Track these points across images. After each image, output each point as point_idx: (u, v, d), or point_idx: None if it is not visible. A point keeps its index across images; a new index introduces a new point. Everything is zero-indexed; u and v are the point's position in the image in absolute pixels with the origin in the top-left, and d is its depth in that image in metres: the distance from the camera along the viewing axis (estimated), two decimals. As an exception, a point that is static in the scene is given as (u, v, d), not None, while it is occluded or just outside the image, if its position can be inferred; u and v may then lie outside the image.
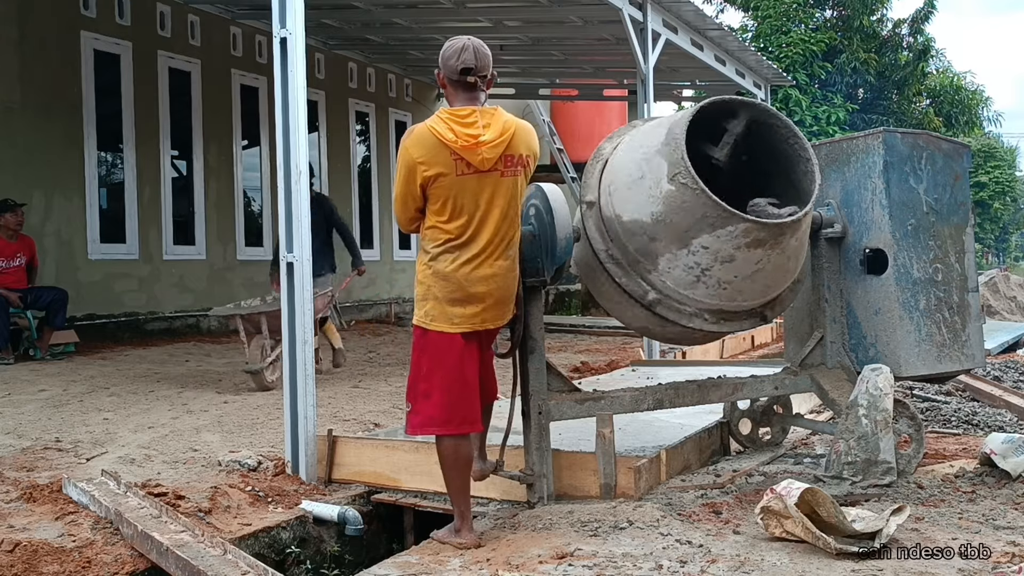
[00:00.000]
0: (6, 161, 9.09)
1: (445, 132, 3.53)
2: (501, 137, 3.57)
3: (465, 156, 3.53)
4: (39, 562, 3.39)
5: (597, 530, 3.64)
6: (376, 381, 7.77)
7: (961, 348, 4.73)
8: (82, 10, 10.02)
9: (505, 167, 3.59)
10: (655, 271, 4.12)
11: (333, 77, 13.67)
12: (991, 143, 34.23)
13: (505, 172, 3.60)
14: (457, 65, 3.58)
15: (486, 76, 3.63)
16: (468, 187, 3.56)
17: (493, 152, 3.55)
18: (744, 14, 25.79)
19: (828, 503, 3.39)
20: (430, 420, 3.66)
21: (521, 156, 3.63)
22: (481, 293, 3.61)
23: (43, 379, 7.39)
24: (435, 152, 3.54)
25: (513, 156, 3.60)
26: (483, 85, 3.63)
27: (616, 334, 11.92)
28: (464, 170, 3.54)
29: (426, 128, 3.57)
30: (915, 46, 25.39)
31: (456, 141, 3.52)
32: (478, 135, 3.53)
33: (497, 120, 3.60)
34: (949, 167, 4.80)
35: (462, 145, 3.52)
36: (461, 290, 3.60)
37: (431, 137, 3.54)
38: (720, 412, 5.25)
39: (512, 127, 3.61)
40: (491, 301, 3.64)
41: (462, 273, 3.59)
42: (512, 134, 3.60)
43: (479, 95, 3.64)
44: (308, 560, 4.10)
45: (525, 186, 3.74)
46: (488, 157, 3.55)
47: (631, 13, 8.85)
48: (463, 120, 3.56)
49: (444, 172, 3.54)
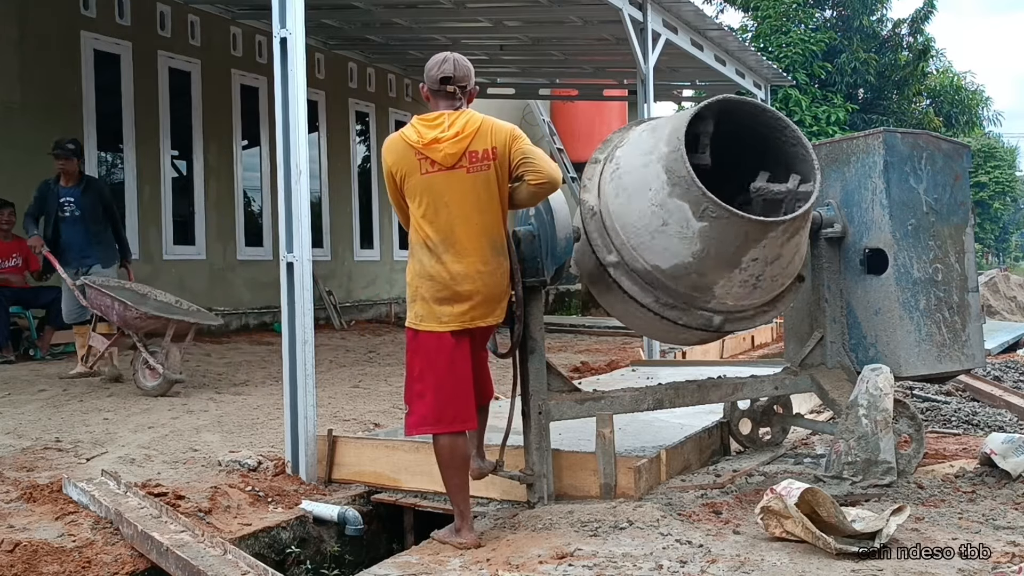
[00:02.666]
0: (6, 161, 9.08)
1: (411, 134, 3.68)
2: (462, 133, 3.63)
3: (428, 154, 3.63)
4: (39, 562, 3.39)
5: (597, 530, 3.64)
6: (376, 381, 7.77)
7: (961, 348, 4.73)
8: (82, 10, 10.01)
9: (470, 163, 3.64)
10: (714, 299, 4.22)
11: (333, 77, 13.67)
12: (991, 143, 34.24)
13: (471, 168, 3.63)
14: (437, 75, 3.72)
15: (465, 87, 3.74)
16: (436, 186, 3.64)
17: (454, 148, 3.62)
18: (744, 14, 25.77)
19: (828, 503, 3.39)
20: (423, 420, 3.70)
21: (486, 151, 3.65)
22: (468, 291, 3.64)
23: (43, 379, 7.39)
24: (402, 154, 3.69)
25: (477, 152, 3.63)
26: (462, 95, 3.74)
27: (616, 334, 11.92)
28: (429, 168, 3.64)
29: (397, 134, 3.75)
30: (915, 46, 25.36)
31: (419, 141, 3.65)
32: (440, 134, 3.63)
33: (462, 119, 3.67)
34: (949, 167, 4.80)
35: (424, 144, 3.64)
36: (447, 288, 3.63)
37: (400, 141, 3.71)
38: (720, 412, 5.25)
39: (476, 123, 3.66)
40: (479, 298, 3.66)
41: (446, 271, 3.63)
42: (475, 130, 3.64)
43: (457, 105, 3.73)
44: (308, 560, 4.10)
45: (504, 179, 3.71)
46: (450, 153, 3.62)
47: (631, 13, 8.85)
48: (431, 123, 3.68)
49: (411, 172, 3.67)
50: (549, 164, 3.70)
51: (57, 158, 7.53)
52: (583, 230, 4.33)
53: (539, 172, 3.66)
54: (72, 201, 7.55)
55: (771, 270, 4.18)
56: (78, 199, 7.57)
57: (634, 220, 4.16)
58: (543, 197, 3.80)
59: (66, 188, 7.57)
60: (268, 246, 12.36)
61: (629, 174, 4.23)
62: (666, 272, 4.15)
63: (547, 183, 3.68)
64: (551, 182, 3.68)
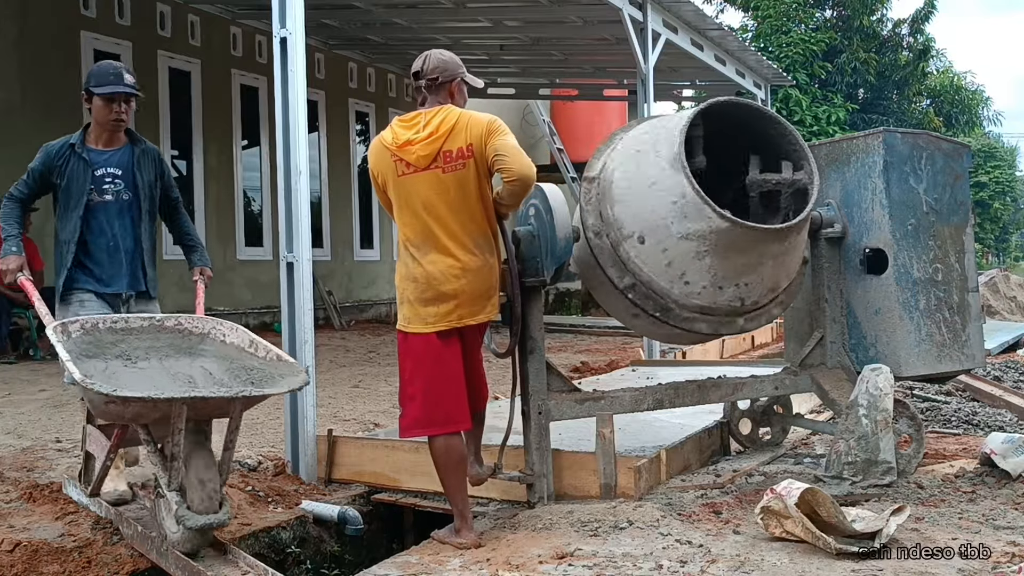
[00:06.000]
0: (6, 161, 9.06)
1: (388, 136, 3.68)
2: (436, 133, 3.60)
3: (402, 156, 3.63)
4: (39, 562, 3.39)
5: (597, 530, 3.64)
6: (376, 381, 7.77)
7: (961, 348, 4.73)
8: (82, 10, 10.02)
9: (445, 163, 3.60)
10: (743, 306, 4.29)
11: (333, 77, 13.67)
12: (991, 143, 34.21)
13: (446, 168, 3.60)
14: (412, 71, 3.74)
15: (436, 79, 3.67)
16: (412, 187, 3.63)
17: (427, 149, 3.59)
18: (744, 14, 25.77)
19: (828, 503, 3.39)
20: (415, 422, 3.70)
21: (461, 149, 3.59)
22: (451, 290, 3.62)
23: (43, 379, 7.39)
24: (381, 157, 3.70)
25: (451, 151, 3.59)
26: (434, 89, 3.68)
27: (616, 334, 11.91)
28: (404, 170, 3.63)
29: (378, 136, 3.74)
30: (915, 46, 25.38)
31: (394, 143, 3.64)
32: (413, 136, 3.61)
33: (437, 118, 3.63)
34: (949, 167, 4.80)
35: (398, 146, 3.63)
36: (431, 289, 3.62)
37: (379, 144, 3.71)
38: (720, 412, 5.25)
39: (452, 121, 3.60)
40: (464, 297, 3.64)
41: (427, 272, 3.61)
42: (450, 128, 3.59)
43: (440, 101, 3.69)
44: (308, 560, 4.10)
45: (484, 175, 3.65)
46: (423, 155, 3.60)
47: (631, 13, 8.84)
48: (408, 123, 3.67)
49: (389, 174, 3.67)
50: (521, 161, 3.55)
51: (110, 100, 4.07)
52: (581, 221, 4.34)
53: (509, 169, 3.54)
54: (118, 175, 4.18)
55: (782, 267, 4.26)
56: (128, 170, 4.19)
57: (654, 254, 4.21)
58: (520, 196, 3.66)
59: (106, 153, 4.17)
60: (268, 246, 12.36)
61: (644, 206, 4.31)
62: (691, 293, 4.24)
63: (517, 180, 3.55)
64: (520, 179, 3.55)
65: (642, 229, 4.16)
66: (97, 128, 4.17)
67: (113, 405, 3.14)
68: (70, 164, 4.12)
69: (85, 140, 4.19)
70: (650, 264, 4.17)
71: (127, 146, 4.22)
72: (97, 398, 3.12)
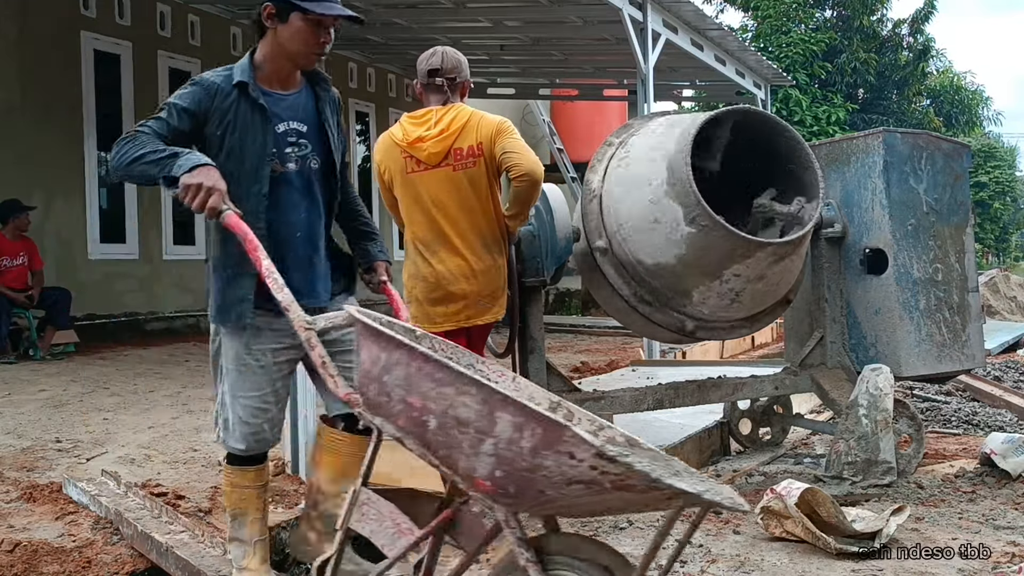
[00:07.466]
0: (6, 161, 9.08)
1: (397, 132, 3.66)
2: (447, 130, 3.59)
3: (413, 153, 3.61)
4: (39, 562, 3.39)
5: (597, 530, 3.64)
6: (376, 381, 7.75)
7: (961, 348, 4.73)
8: (82, 10, 10.01)
9: (456, 161, 3.59)
10: (690, 304, 4.21)
11: (333, 77, 13.65)
12: (991, 143, 34.21)
13: (457, 166, 3.60)
14: (426, 68, 3.70)
15: (454, 79, 3.69)
16: (422, 184, 3.61)
17: (438, 146, 3.58)
18: (744, 14, 25.78)
19: (828, 503, 3.39)
20: None
21: (471, 147, 3.59)
22: (461, 290, 3.62)
23: (43, 379, 7.39)
24: (390, 153, 3.67)
25: (462, 149, 3.59)
26: (451, 88, 3.68)
27: (616, 334, 11.91)
28: (414, 168, 3.62)
29: (387, 132, 3.72)
30: (915, 46, 25.38)
31: (404, 139, 3.62)
32: (424, 132, 3.60)
33: (448, 115, 3.62)
34: (949, 167, 4.80)
35: (408, 143, 3.61)
36: (440, 288, 3.62)
37: (388, 140, 3.69)
38: (720, 412, 5.25)
39: (463, 119, 3.61)
40: (473, 297, 3.64)
41: (437, 271, 3.61)
42: (462, 126, 3.59)
43: (449, 98, 3.69)
44: (308, 560, 4.09)
45: (494, 175, 3.65)
46: (434, 152, 3.58)
47: (631, 13, 8.84)
48: (418, 120, 3.65)
49: (398, 171, 3.65)
50: (529, 158, 3.56)
51: (318, 24, 2.97)
52: (581, 212, 4.33)
53: (518, 165, 3.53)
54: (303, 132, 2.89)
55: (753, 288, 4.15)
56: (313, 125, 2.93)
57: (629, 212, 4.17)
58: (529, 193, 3.61)
59: (288, 97, 2.92)
60: (268, 246, 12.35)
61: (636, 163, 4.23)
62: (648, 267, 4.15)
63: (525, 176, 3.52)
64: (529, 175, 3.52)
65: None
66: (280, 61, 2.83)
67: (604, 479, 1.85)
68: (240, 112, 2.76)
69: (256, 77, 2.83)
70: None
71: (305, 88, 2.92)
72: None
